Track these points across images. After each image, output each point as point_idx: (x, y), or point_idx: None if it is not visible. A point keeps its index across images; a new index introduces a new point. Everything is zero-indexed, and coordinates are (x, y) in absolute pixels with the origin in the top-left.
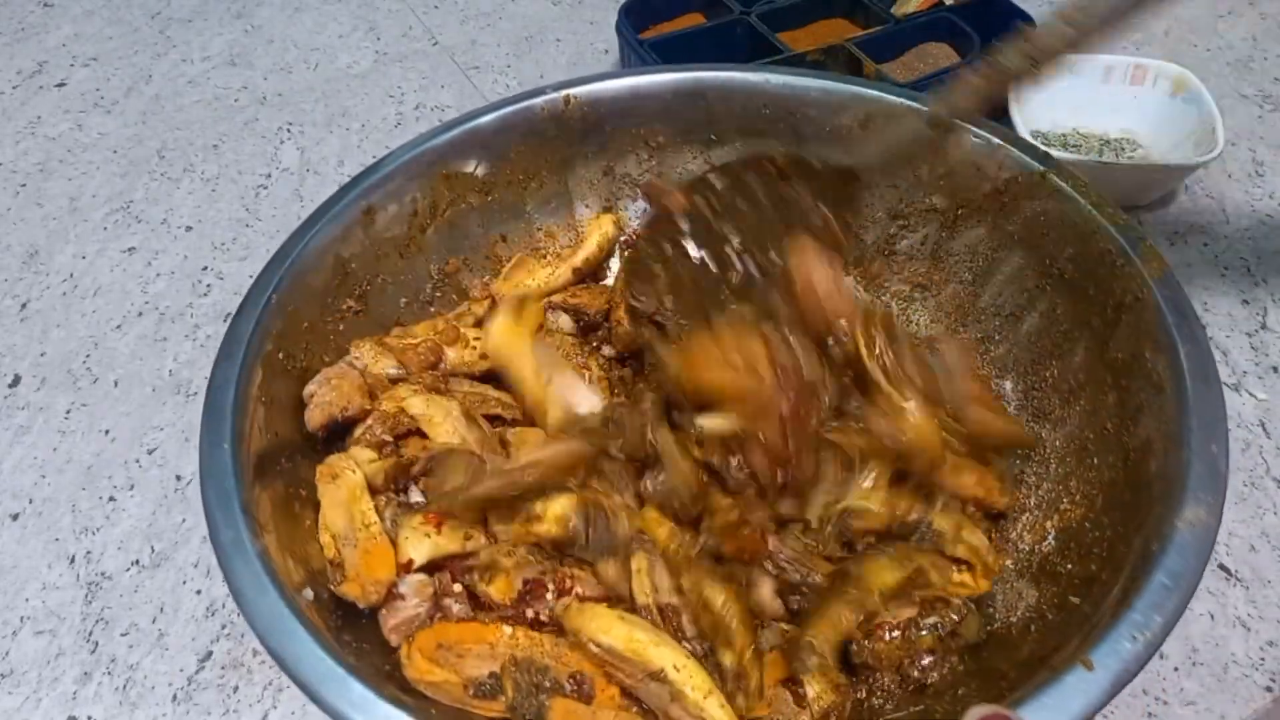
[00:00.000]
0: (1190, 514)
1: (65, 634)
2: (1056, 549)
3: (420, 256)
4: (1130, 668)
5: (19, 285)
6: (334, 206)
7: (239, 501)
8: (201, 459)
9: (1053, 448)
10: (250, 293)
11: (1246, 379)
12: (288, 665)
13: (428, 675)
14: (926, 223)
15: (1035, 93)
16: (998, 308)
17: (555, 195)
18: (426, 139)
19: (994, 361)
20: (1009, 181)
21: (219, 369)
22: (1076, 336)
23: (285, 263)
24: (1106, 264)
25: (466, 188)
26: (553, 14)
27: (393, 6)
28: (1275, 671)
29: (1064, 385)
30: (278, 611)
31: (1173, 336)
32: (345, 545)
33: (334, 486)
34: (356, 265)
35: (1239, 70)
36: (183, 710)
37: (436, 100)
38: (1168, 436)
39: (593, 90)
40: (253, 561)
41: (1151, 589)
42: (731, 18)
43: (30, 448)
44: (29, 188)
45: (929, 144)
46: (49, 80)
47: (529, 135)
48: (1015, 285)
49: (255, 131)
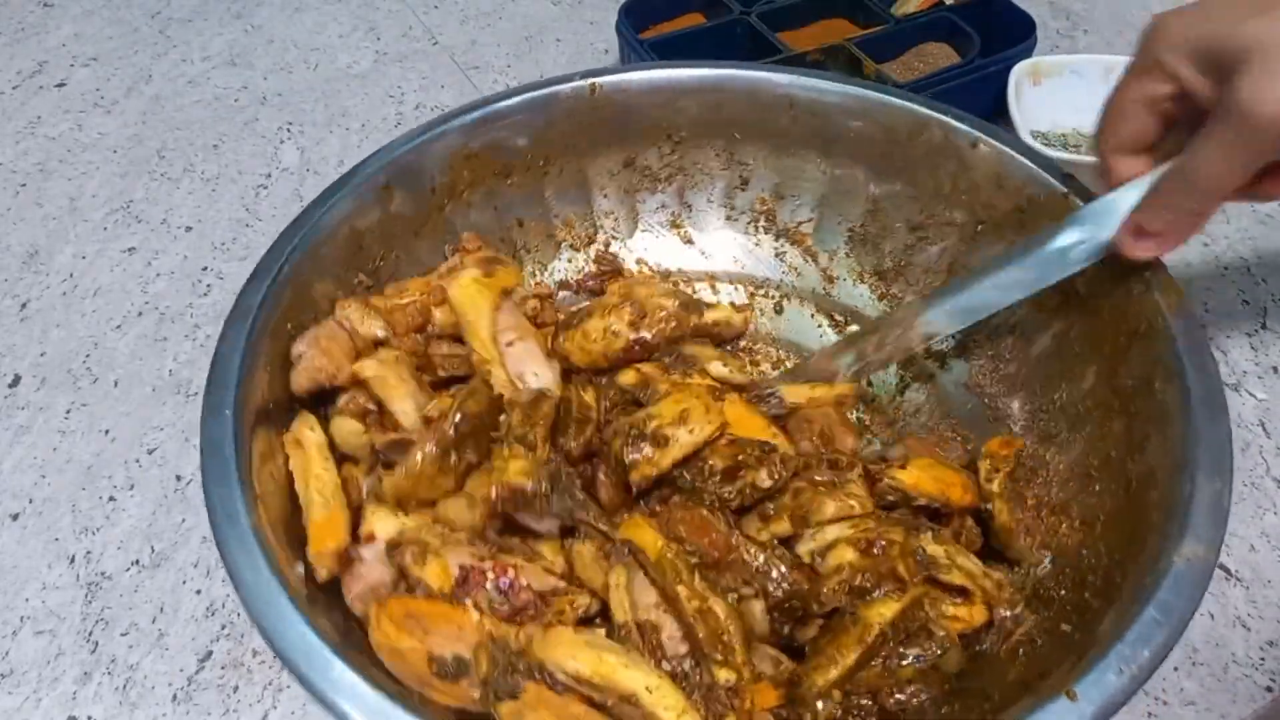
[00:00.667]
0: (1189, 549)
1: (65, 634)
2: (1052, 574)
3: (435, 236)
4: (1115, 700)
5: (19, 285)
6: (353, 179)
7: (237, 470)
8: (203, 426)
9: (1056, 471)
10: (263, 260)
11: (1246, 379)
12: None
13: (394, 640)
14: (945, 236)
15: (1036, 93)
16: (1010, 326)
17: (575, 184)
18: (449, 118)
19: (1003, 380)
20: (1030, 199)
21: (226, 336)
22: (1088, 360)
23: (300, 232)
24: (1123, 290)
25: (486, 170)
26: (553, 14)
27: (393, 6)
28: (1275, 671)
29: (1072, 409)
30: (269, 587)
31: (1184, 367)
32: (305, 513)
33: (299, 452)
34: (370, 240)
35: None
36: (183, 710)
37: (436, 100)
38: (1172, 468)
39: (618, 80)
40: (247, 535)
41: (1142, 622)
42: (731, 18)
43: (30, 448)
44: (29, 188)
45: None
46: (49, 80)
47: (552, 122)
48: (1030, 304)
49: (255, 131)
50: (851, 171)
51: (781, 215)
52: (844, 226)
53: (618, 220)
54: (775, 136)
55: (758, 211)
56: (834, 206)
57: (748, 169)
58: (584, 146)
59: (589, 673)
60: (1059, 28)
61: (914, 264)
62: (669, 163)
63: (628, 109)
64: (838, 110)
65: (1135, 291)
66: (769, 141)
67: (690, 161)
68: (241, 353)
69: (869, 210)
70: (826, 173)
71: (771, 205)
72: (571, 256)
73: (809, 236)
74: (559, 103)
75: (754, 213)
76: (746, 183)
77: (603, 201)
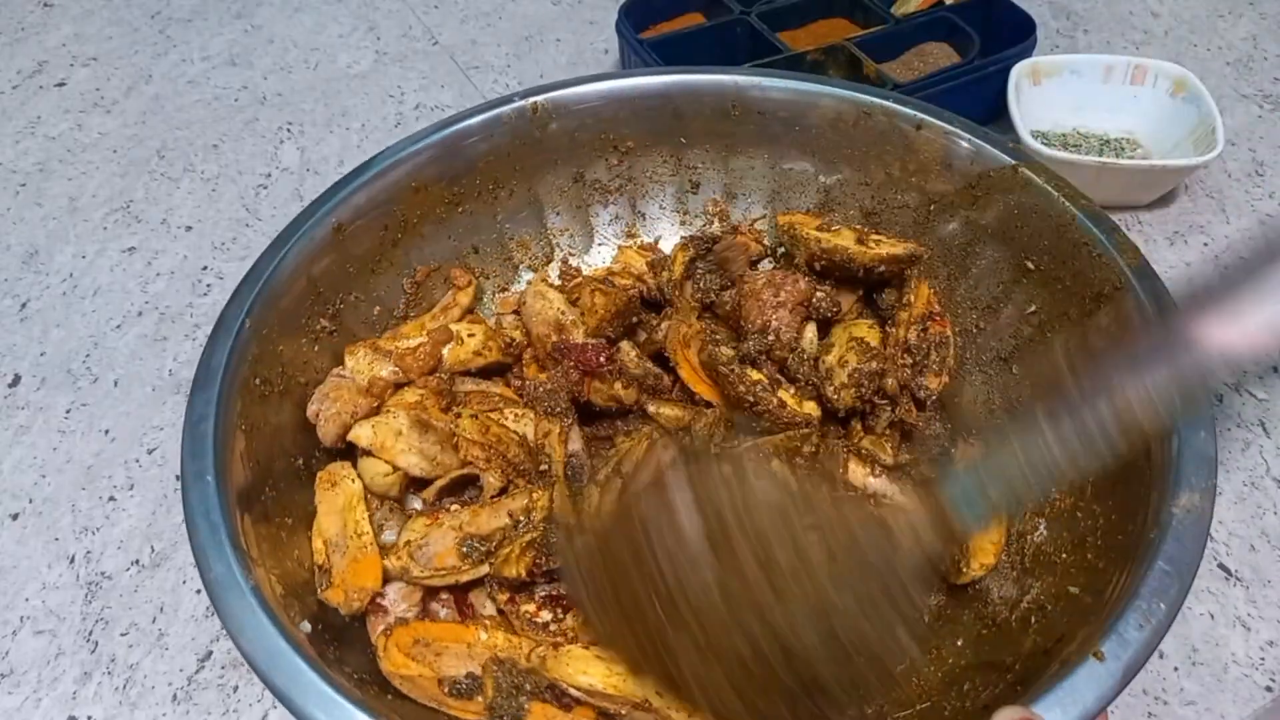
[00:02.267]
0: (1185, 500)
1: (65, 634)
2: (1049, 538)
3: (392, 270)
4: (1139, 656)
5: (19, 285)
6: (302, 226)
7: (227, 535)
8: (185, 494)
9: None
10: (222, 318)
11: (1246, 379)
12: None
13: (403, 669)
14: (899, 219)
15: (1036, 93)
16: (974, 301)
17: (526, 204)
18: (394, 152)
19: (974, 355)
20: (980, 176)
21: (196, 399)
22: (1055, 328)
23: (256, 286)
24: (1082, 255)
25: (436, 200)
26: (553, 14)
27: (393, 6)
28: (1275, 671)
29: (1045, 376)
30: (277, 648)
31: (1151, 323)
32: (335, 552)
33: (333, 493)
34: (328, 285)
35: (1239, 70)
36: (183, 710)
37: (436, 100)
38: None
39: (559, 97)
40: (247, 597)
41: (1154, 576)
42: (731, 17)
43: (30, 448)
44: (29, 188)
45: None
46: (49, 80)
47: (496, 145)
48: (991, 278)
49: (255, 131)
50: (800, 165)
51: (734, 214)
52: None
53: (573, 236)
54: (721, 138)
55: (710, 214)
56: (786, 201)
57: (697, 172)
58: (531, 166)
59: (601, 685)
60: (1059, 28)
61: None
62: (618, 174)
63: (570, 125)
64: (781, 106)
65: (1094, 254)
66: (716, 143)
67: (639, 170)
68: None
69: (821, 202)
70: (775, 168)
71: (724, 205)
72: (530, 279)
73: (764, 233)
74: (502, 125)
75: (707, 215)
76: (697, 186)
77: (555, 219)
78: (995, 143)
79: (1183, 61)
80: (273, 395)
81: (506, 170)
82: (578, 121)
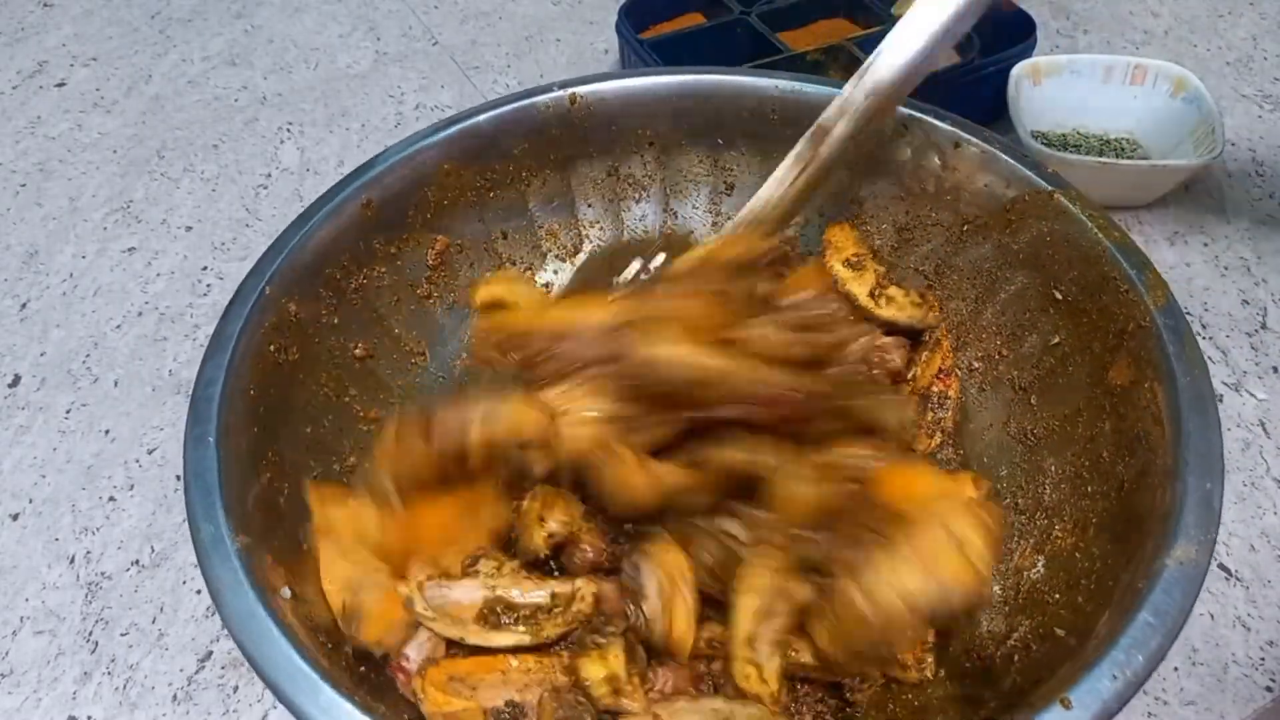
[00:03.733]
0: (1181, 551)
1: (65, 634)
2: (1045, 577)
3: (419, 249)
4: (1110, 707)
5: (19, 285)
6: (334, 199)
7: (221, 498)
8: (186, 454)
9: (1047, 474)
10: (242, 285)
11: (1246, 379)
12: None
13: (445, 707)
14: (931, 238)
15: (1036, 93)
16: (999, 327)
17: (558, 194)
18: (428, 134)
19: (992, 382)
20: (1016, 200)
21: (208, 362)
22: (1077, 361)
23: (281, 254)
24: (1110, 289)
25: (467, 185)
26: (553, 14)
27: (393, 6)
28: (1275, 671)
29: (1062, 410)
30: (254, 612)
31: (1173, 368)
32: (359, 591)
33: (333, 539)
34: (352, 258)
35: (1239, 70)
36: (183, 710)
37: (436, 100)
38: (1163, 470)
39: (598, 89)
40: (230, 559)
41: (1136, 626)
42: (731, 18)
43: (30, 448)
44: (29, 188)
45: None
46: (49, 80)
47: (532, 133)
48: (1018, 305)
49: (255, 131)
50: (836, 174)
51: None
52: None
53: (603, 229)
54: (759, 140)
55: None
56: (819, 210)
57: (732, 174)
58: (566, 157)
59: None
60: (1059, 28)
61: (901, 265)
62: (652, 171)
63: (608, 118)
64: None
65: (1122, 289)
66: (753, 146)
67: (674, 169)
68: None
69: (854, 214)
70: None
71: None
72: (558, 267)
73: (796, 240)
74: (538, 114)
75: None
76: (731, 188)
77: (587, 211)
78: (1033, 166)
79: (1183, 61)
80: (286, 365)
81: (541, 159)
82: (616, 114)
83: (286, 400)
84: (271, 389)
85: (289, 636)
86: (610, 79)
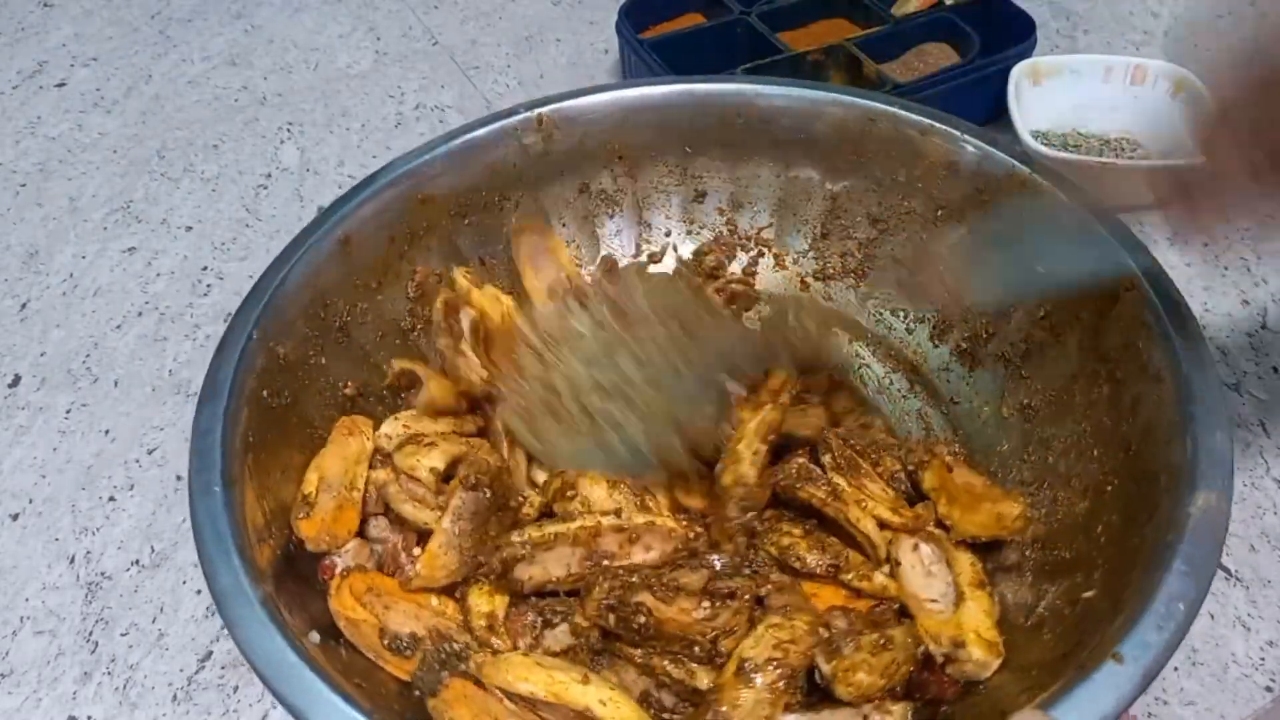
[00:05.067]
0: (1201, 500)
1: (65, 634)
2: (1065, 542)
3: (399, 283)
4: (1159, 658)
5: (19, 285)
6: (310, 237)
7: (235, 547)
8: (192, 503)
9: (1050, 444)
10: (228, 332)
11: (1247, 379)
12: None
13: (350, 611)
14: (907, 226)
15: (1036, 93)
16: (984, 306)
17: (532, 216)
18: (400, 164)
19: (984, 360)
20: (986, 181)
21: (203, 412)
22: (1067, 330)
23: (263, 298)
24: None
25: (442, 213)
26: (553, 14)
27: (393, 6)
28: (1275, 671)
29: (1056, 380)
30: (287, 660)
31: (1165, 326)
32: (325, 491)
33: (345, 441)
34: (335, 296)
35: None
36: (183, 710)
37: (436, 100)
38: (1170, 426)
39: (564, 108)
40: (256, 608)
41: (1172, 577)
42: (731, 18)
43: (30, 448)
44: (29, 188)
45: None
46: (49, 80)
47: (502, 156)
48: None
49: (255, 131)
50: (807, 172)
51: (742, 223)
52: (806, 227)
53: (580, 247)
54: (727, 146)
55: (717, 223)
56: (792, 209)
57: (702, 181)
58: (537, 178)
59: (543, 693)
60: (1059, 28)
61: (879, 255)
62: (623, 184)
63: (576, 136)
64: (786, 114)
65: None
66: (721, 152)
67: (645, 180)
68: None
69: (828, 209)
70: (781, 176)
71: (730, 215)
72: None
73: (772, 241)
74: (508, 137)
75: (714, 225)
76: (703, 195)
77: (562, 230)
78: (1001, 146)
79: (1182, 62)
80: (279, 408)
81: (512, 181)
82: (583, 132)
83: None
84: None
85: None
86: (574, 97)
